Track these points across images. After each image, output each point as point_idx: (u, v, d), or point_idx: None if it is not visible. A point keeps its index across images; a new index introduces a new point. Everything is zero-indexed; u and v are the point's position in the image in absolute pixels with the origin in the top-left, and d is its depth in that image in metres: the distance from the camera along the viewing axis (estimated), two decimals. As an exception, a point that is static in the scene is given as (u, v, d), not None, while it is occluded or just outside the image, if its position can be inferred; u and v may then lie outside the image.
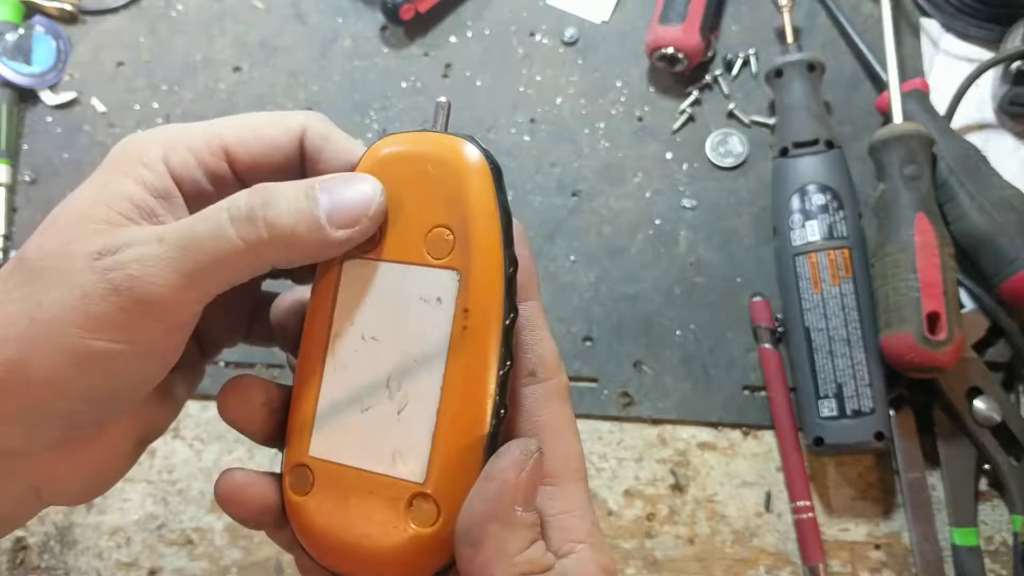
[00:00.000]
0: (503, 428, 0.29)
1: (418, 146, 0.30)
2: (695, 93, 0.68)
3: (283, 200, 0.29)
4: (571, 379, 0.62)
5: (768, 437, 0.60)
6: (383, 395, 0.29)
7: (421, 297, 0.29)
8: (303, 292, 0.34)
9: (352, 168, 0.32)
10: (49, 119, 0.72)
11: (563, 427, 0.31)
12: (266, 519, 0.32)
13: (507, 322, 0.29)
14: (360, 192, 0.30)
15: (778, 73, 0.64)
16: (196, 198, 0.31)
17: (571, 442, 0.31)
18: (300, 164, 0.33)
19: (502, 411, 0.28)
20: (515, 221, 0.30)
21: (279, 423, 0.32)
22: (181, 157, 0.31)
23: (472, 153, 0.30)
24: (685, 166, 0.67)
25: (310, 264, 0.31)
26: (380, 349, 0.30)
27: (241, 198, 0.29)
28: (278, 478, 0.31)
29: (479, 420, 0.28)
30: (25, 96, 0.73)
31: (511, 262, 0.29)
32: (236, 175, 0.32)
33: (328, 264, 0.31)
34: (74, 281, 0.28)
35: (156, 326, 0.28)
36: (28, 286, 0.28)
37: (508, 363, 0.29)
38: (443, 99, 0.32)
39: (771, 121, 0.67)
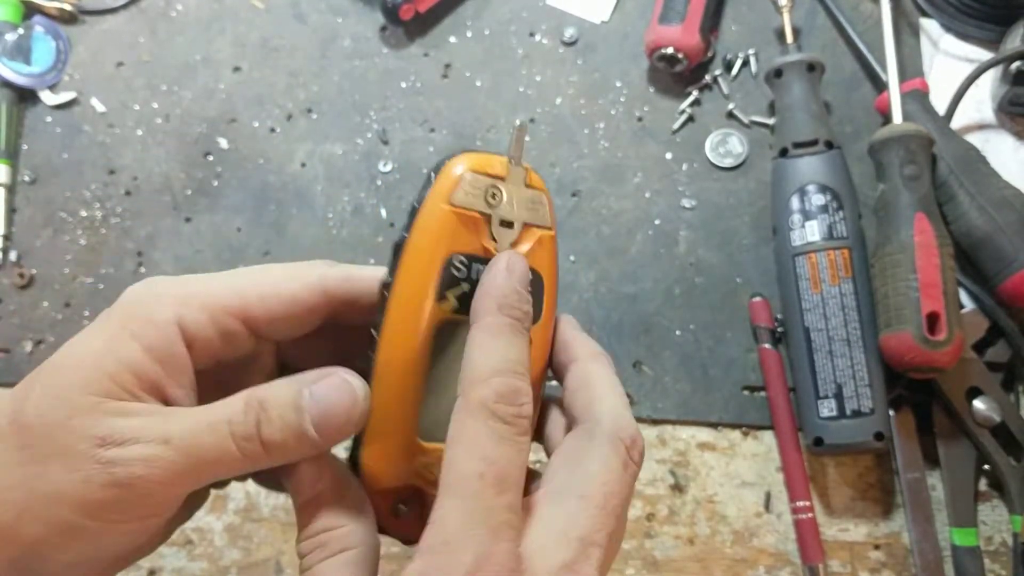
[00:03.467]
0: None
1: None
2: (695, 93, 0.68)
3: (276, 415, 0.30)
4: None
5: (768, 437, 0.60)
6: None
7: None
8: None
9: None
10: (49, 119, 0.72)
11: (463, 439, 0.29)
12: None
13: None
14: (345, 398, 0.31)
15: (778, 73, 0.64)
16: (204, 354, 0.32)
17: (462, 457, 0.29)
18: (323, 311, 0.34)
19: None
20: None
21: None
22: (195, 318, 0.32)
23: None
24: (685, 166, 0.67)
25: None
26: None
27: (238, 411, 0.30)
28: None
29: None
30: (25, 96, 0.73)
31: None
32: (251, 329, 0.33)
33: None
34: (76, 464, 0.28)
35: (148, 513, 0.30)
36: (27, 451, 0.29)
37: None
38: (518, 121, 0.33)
39: (771, 121, 0.67)
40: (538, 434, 0.36)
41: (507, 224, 0.33)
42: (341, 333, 0.35)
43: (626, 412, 0.33)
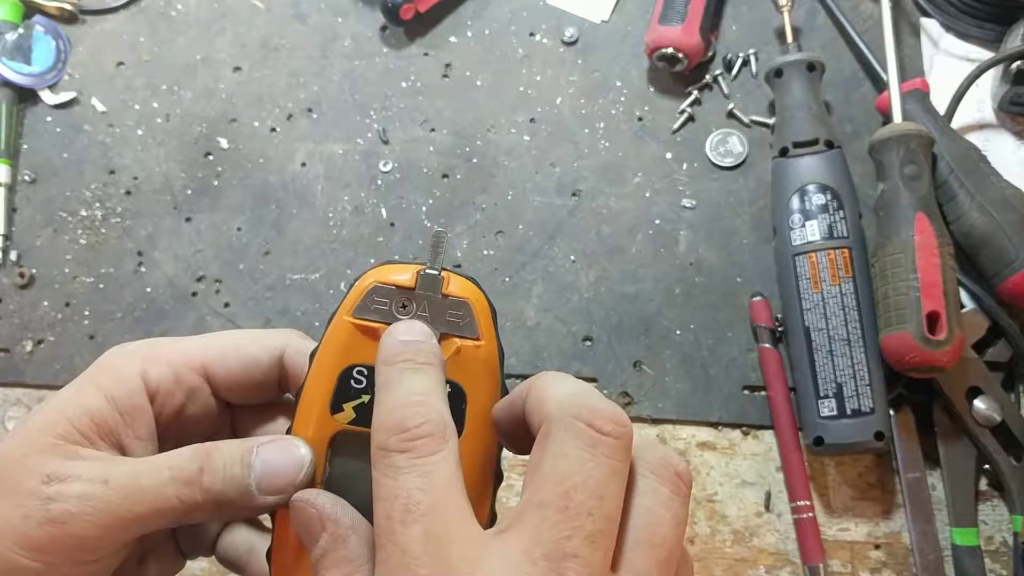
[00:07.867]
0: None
1: None
2: (695, 93, 0.68)
3: (220, 464, 0.31)
4: (571, 379, 0.62)
5: (768, 437, 0.60)
6: None
7: None
8: None
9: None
10: (49, 119, 0.72)
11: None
12: None
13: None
14: (291, 461, 0.32)
15: (778, 73, 0.64)
16: (168, 410, 0.34)
17: None
18: (278, 380, 0.36)
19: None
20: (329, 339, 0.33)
21: None
22: (159, 371, 0.34)
23: None
24: (685, 166, 0.67)
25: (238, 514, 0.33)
26: None
27: (183, 457, 0.31)
28: None
29: None
30: (25, 96, 0.73)
31: None
32: (213, 389, 0.35)
33: None
34: (20, 500, 0.30)
35: (81, 558, 0.30)
36: None
37: None
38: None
39: (771, 121, 0.67)
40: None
41: None
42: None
43: (581, 392, 0.28)
